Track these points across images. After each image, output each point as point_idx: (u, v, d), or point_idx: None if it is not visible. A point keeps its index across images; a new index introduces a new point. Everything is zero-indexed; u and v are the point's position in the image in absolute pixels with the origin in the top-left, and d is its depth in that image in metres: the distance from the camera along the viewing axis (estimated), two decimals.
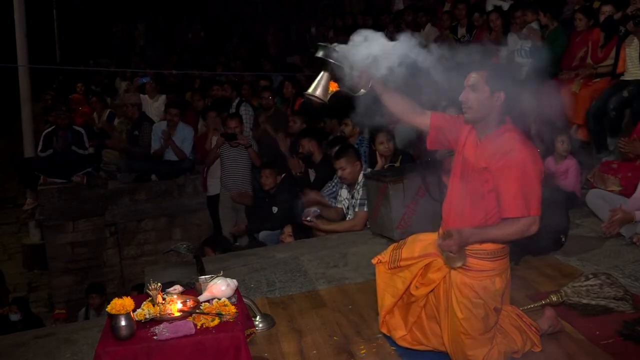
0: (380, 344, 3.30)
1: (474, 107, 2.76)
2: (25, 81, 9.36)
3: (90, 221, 8.16)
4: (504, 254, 2.87)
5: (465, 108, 2.79)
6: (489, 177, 2.74)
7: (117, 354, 2.68)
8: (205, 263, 3.70)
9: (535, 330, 3.05)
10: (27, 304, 7.11)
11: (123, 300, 2.71)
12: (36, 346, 3.87)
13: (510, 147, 2.70)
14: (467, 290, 2.83)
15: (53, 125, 8.39)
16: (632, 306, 3.39)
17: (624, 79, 5.85)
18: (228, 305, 2.89)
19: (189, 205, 8.22)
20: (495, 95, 2.73)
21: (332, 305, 3.86)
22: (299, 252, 4.93)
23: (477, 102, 2.75)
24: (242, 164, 7.01)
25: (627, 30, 5.75)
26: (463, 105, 2.80)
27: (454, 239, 2.65)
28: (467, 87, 2.77)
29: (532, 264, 4.19)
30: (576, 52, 6.37)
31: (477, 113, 2.77)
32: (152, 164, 8.17)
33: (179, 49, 13.82)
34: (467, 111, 2.79)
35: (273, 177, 6.28)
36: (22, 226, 10.43)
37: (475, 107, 2.76)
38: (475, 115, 2.78)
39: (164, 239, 8.14)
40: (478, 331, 2.83)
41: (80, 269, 8.15)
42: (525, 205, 2.67)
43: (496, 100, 2.73)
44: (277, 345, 3.42)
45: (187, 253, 3.57)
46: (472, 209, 2.81)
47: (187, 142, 8.00)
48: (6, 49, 10.06)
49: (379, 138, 5.59)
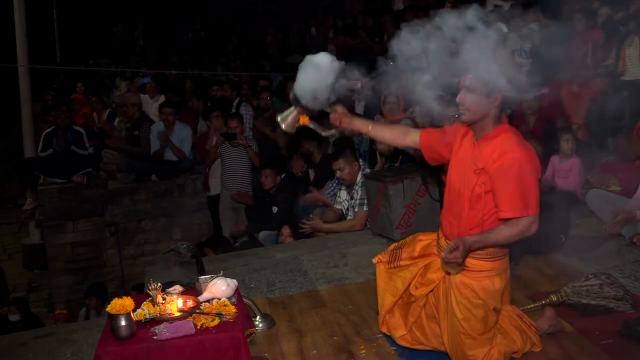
0: (380, 344, 3.30)
1: (472, 109, 2.75)
2: (25, 81, 9.35)
3: (90, 221, 8.16)
4: (503, 254, 2.87)
5: (462, 110, 2.78)
6: (487, 178, 2.74)
7: (117, 354, 2.68)
8: (205, 263, 3.70)
9: (535, 330, 3.05)
10: (27, 305, 7.11)
11: (123, 300, 2.71)
12: (36, 346, 3.87)
13: (507, 148, 2.70)
14: (467, 291, 2.83)
15: (53, 125, 8.39)
16: (632, 306, 3.39)
17: (624, 79, 5.86)
18: (228, 305, 2.89)
19: (189, 205, 8.21)
20: (492, 96, 2.72)
21: (332, 305, 3.86)
22: (299, 252, 4.94)
23: (474, 103, 2.74)
24: (242, 164, 7.01)
25: (627, 31, 5.75)
26: (460, 107, 2.78)
27: (460, 250, 2.64)
28: (463, 89, 2.75)
29: (532, 264, 4.19)
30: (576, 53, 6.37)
31: (475, 115, 2.77)
32: (152, 164, 8.17)
33: (179, 49, 13.82)
34: (464, 113, 2.78)
35: (273, 177, 6.28)
36: (22, 226, 10.42)
37: (472, 109, 2.75)
38: (473, 117, 2.78)
39: (164, 239, 8.14)
40: (478, 331, 2.83)
41: (80, 269, 8.15)
42: (524, 205, 2.67)
43: (493, 101, 2.73)
44: (277, 345, 3.42)
45: (187, 253, 3.57)
46: (469, 210, 2.81)
47: (185, 141, 7.99)
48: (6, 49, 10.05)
49: None
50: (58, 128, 8.26)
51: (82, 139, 8.34)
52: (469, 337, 2.84)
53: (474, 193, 2.78)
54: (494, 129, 2.78)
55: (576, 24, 6.39)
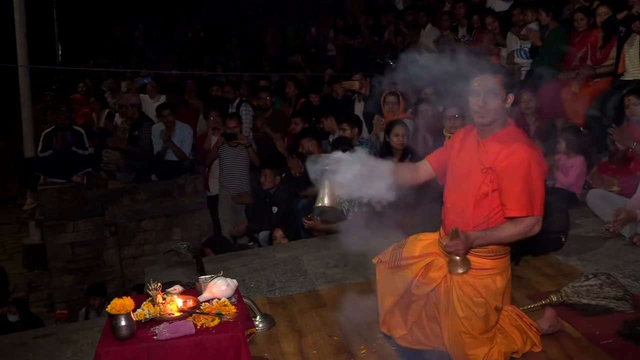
0: (380, 344, 3.30)
1: (493, 111, 2.76)
2: (25, 81, 9.34)
3: (90, 221, 8.16)
4: (505, 253, 2.88)
5: (482, 113, 2.77)
6: (494, 177, 2.76)
7: (117, 354, 2.68)
8: (205, 263, 3.70)
9: (535, 330, 3.06)
10: (26, 305, 7.10)
11: (123, 300, 2.71)
12: (36, 346, 3.88)
13: (514, 147, 2.73)
14: (468, 289, 2.83)
15: (53, 125, 8.39)
16: (632, 306, 3.39)
17: (624, 79, 5.85)
18: (228, 305, 2.89)
19: (189, 205, 8.21)
20: (508, 98, 2.78)
21: (332, 305, 3.86)
22: (299, 252, 4.94)
23: (497, 106, 2.76)
24: (241, 164, 7.01)
25: (628, 31, 5.75)
26: (480, 109, 2.77)
27: (461, 239, 2.66)
28: (482, 92, 2.75)
29: (532, 264, 4.19)
30: (576, 52, 6.37)
31: (494, 117, 2.78)
32: (152, 164, 8.17)
33: (178, 49, 13.80)
34: (484, 116, 2.78)
35: (272, 177, 6.28)
36: (22, 226, 10.42)
37: (493, 111, 2.76)
38: (492, 119, 2.79)
39: (164, 239, 8.14)
40: (479, 330, 2.84)
41: (80, 269, 8.15)
42: (530, 205, 2.69)
43: (508, 102, 2.78)
44: (277, 345, 3.42)
45: (187, 253, 3.57)
46: (474, 208, 2.82)
47: (186, 142, 8.00)
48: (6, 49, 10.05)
49: (395, 130, 5.49)
50: (58, 128, 8.26)
51: (82, 139, 8.34)
52: (469, 336, 2.84)
53: (480, 191, 2.80)
54: (502, 128, 2.81)
55: (576, 24, 6.41)
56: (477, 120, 2.83)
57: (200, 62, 11.80)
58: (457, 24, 8.55)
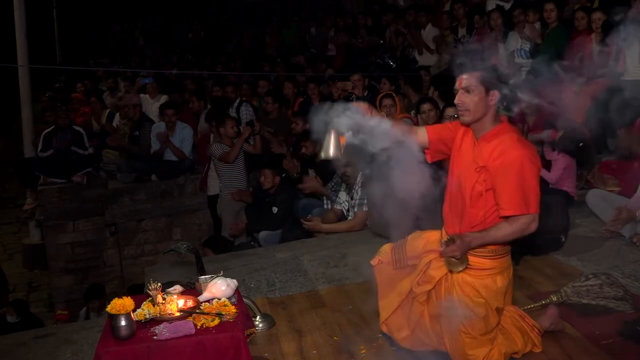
0: (380, 344, 3.30)
1: (471, 109, 2.76)
2: (25, 81, 9.35)
3: (90, 221, 8.17)
4: (505, 252, 2.87)
5: (461, 111, 2.79)
6: (487, 176, 2.75)
7: (117, 354, 2.68)
8: (205, 263, 3.69)
9: (537, 331, 3.06)
10: (25, 307, 7.06)
11: (123, 300, 2.71)
12: (36, 346, 3.87)
13: (507, 146, 2.71)
14: (469, 289, 2.83)
15: (53, 125, 8.39)
16: (632, 306, 3.39)
17: (624, 79, 5.84)
18: (228, 305, 2.89)
19: (189, 205, 8.22)
20: (490, 95, 2.74)
21: (332, 305, 3.86)
22: (299, 252, 4.94)
23: (473, 103, 2.75)
24: (238, 163, 7.00)
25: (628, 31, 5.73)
26: (459, 108, 2.79)
27: (457, 244, 2.66)
28: (460, 90, 2.77)
29: (532, 264, 4.19)
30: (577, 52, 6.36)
31: (475, 115, 2.77)
32: (152, 164, 8.17)
33: (178, 49, 13.80)
34: (463, 114, 2.79)
35: (272, 178, 6.27)
36: (22, 226, 10.43)
37: (472, 109, 2.76)
38: (473, 117, 2.78)
39: (164, 239, 8.14)
40: (479, 331, 2.83)
41: (80, 269, 8.15)
42: (525, 203, 2.68)
43: (491, 100, 2.74)
44: (277, 345, 3.42)
45: (187, 253, 3.57)
46: (470, 207, 2.82)
47: (186, 142, 7.99)
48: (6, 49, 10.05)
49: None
50: (58, 128, 8.26)
51: (82, 139, 8.33)
52: (469, 336, 2.84)
53: (474, 191, 2.79)
54: (493, 127, 2.79)
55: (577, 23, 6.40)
56: (460, 118, 2.84)
57: (200, 62, 11.81)
58: (457, 24, 8.55)
